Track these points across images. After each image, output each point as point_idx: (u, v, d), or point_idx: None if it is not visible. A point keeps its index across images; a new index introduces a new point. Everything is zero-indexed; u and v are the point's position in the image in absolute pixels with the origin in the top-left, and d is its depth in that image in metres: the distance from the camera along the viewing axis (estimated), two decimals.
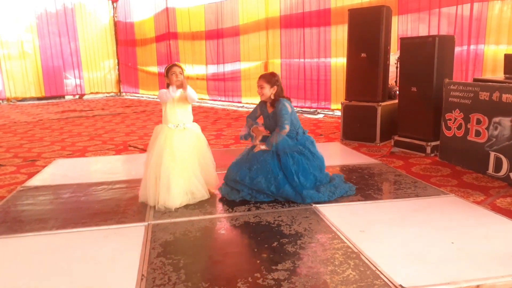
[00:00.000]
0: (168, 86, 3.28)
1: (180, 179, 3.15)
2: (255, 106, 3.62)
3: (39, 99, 12.89)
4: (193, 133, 3.35)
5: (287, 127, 3.30)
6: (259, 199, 3.26)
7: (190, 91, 3.22)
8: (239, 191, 3.31)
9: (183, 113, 3.31)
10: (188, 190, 3.20)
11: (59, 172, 4.36)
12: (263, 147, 3.33)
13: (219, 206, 3.22)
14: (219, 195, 3.42)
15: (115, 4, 14.14)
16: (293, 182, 3.22)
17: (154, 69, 12.84)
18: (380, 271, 2.14)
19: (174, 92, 3.20)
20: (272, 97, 3.40)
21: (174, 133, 3.23)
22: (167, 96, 3.21)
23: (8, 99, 12.41)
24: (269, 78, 3.39)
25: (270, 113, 3.44)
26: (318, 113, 8.30)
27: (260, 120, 3.57)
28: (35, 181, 4.00)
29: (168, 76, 3.26)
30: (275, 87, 3.38)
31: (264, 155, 3.31)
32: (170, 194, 3.08)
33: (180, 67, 3.27)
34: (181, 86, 3.19)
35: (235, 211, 3.08)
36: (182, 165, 3.17)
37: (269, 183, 3.23)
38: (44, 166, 4.57)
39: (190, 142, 3.28)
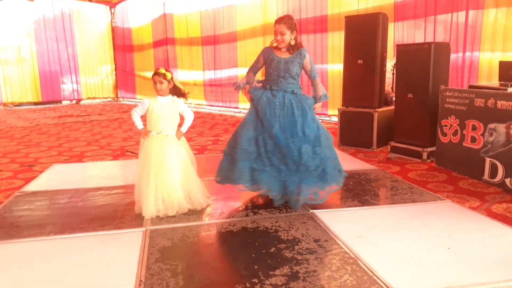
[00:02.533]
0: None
1: (153, 187, 3.06)
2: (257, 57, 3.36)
3: (36, 104, 12.88)
4: (174, 141, 3.21)
5: (318, 76, 3.35)
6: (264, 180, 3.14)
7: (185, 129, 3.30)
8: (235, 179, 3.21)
9: (169, 122, 3.20)
10: (161, 200, 3.09)
11: (57, 177, 4.35)
12: (319, 108, 3.33)
13: (217, 211, 3.22)
14: (217, 202, 3.42)
15: (112, 10, 14.18)
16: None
17: (152, 74, 12.83)
18: (377, 276, 2.16)
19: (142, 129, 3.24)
20: (292, 42, 3.20)
21: (155, 139, 3.14)
22: (134, 121, 3.26)
23: (4, 104, 12.39)
24: (289, 23, 3.15)
25: (284, 58, 3.22)
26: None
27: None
28: (32, 186, 3.99)
29: (154, 81, 3.22)
30: (295, 31, 3.19)
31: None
32: (143, 204, 3.06)
33: (161, 74, 3.18)
34: (145, 135, 3.19)
35: (233, 217, 3.08)
36: (156, 173, 3.08)
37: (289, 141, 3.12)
38: (41, 171, 4.56)
39: (170, 150, 3.15)
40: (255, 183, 3.19)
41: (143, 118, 3.26)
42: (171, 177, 3.11)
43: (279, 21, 3.18)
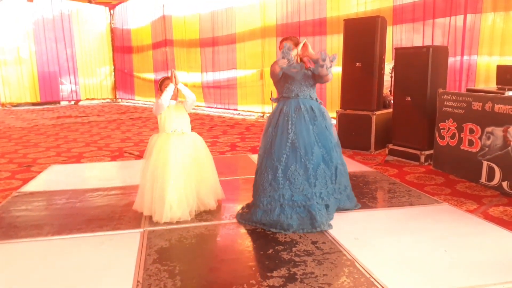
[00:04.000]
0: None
1: (175, 189, 3.04)
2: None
3: (34, 104, 12.86)
4: (191, 138, 3.26)
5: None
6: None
7: (183, 89, 3.20)
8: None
9: (180, 120, 3.25)
10: (183, 201, 3.05)
11: (54, 178, 4.35)
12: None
13: (215, 212, 3.22)
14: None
15: (112, 11, 14.19)
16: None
17: (150, 76, 12.87)
18: (374, 279, 2.17)
19: (166, 100, 3.14)
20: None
21: (171, 137, 3.15)
22: (159, 106, 3.16)
23: (3, 104, 12.38)
24: (296, 40, 3.15)
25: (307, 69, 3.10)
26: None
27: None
28: (30, 187, 3.99)
29: (161, 89, 3.22)
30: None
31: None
32: (164, 208, 2.98)
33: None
34: (173, 82, 3.13)
35: (231, 218, 3.09)
36: (177, 173, 3.06)
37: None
38: (39, 172, 4.56)
39: (188, 148, 3.19)
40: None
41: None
42: (190, 178, 3.12)
43: (286, 38, 3.21)
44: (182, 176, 3.07)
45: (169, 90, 3.15)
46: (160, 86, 3.25)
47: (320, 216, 2.81)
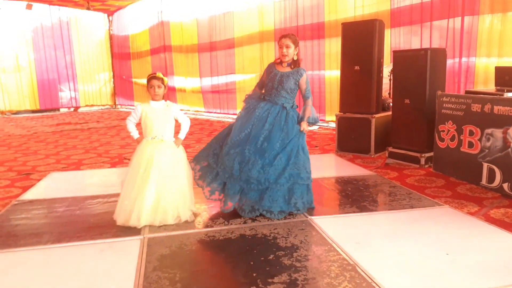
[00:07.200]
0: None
1: (149, 195, 3.01)
2: (262, 73, 3.51)
3: (33, 112, 12.86)
4: (170, 146, 3.15)
5: (311, 97, 3.44)
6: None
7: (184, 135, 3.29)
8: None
9: (162, 127, 3.14)
10: (155, 208, 3.02)
11: (54, 185, 4.34)
12: (307, 127, 3.36)
13: (215, 219, 3.21)
14: (215, 209, 3.41)
15: (110, 18, 14.23)
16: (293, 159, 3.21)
17: (148, 77, 12.85)
18: (376, 283, 2.15)
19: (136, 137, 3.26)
20: (295, 58, 3.34)
21: (149, 145, 3.09)
22: (129, 130, 3.26)
23: (2, 112, 12.38)
24: (294, 38, 3.32)
25: (283, 72, 3.33)
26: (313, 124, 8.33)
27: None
28: (30, 194, 3.98)
29: (147, 89, 3.17)
30: (298, 48, 3.35)
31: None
32: (134, 212, 2.99)
33: (160, 79, 3.14)
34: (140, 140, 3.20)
35: (231, 224, 3.08)
36: (150, 179, 3.01)
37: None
38: (38, 180, 4.54)
39: (164, 156, 3.08)
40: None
41: (139, 125, 3.24)
42: (159, 185, 3.03)
43: (284, 35, 3.34)
44: (154, 184, 3.01)
45: (133, 134, 3.26)
46: (147, 84, 3.18)
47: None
